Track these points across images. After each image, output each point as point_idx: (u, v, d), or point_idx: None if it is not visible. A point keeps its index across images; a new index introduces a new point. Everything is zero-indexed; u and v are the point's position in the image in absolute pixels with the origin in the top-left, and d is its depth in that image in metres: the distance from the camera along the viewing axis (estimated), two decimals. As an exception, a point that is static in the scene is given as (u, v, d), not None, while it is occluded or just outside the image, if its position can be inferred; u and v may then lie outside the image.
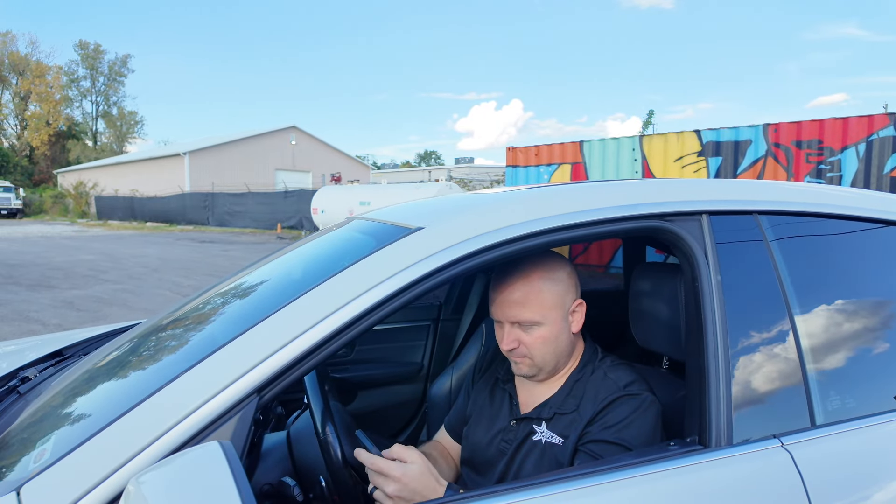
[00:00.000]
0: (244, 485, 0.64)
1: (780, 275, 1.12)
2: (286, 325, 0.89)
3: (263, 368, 0.84)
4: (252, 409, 0.82)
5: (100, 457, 0.77)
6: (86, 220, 31.66)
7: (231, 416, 0.80)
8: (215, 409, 0.80)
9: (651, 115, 17.68)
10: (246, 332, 0.89)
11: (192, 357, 0.89)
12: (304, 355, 0.86)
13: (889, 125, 7.16)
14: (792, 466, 0.97)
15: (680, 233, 1.09)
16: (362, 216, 1.50)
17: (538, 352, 1.20)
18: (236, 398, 0.81)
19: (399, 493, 0.97)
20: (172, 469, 0.68)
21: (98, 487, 0.74)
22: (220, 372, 0.84)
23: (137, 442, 0.77)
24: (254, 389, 0.82)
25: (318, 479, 1.10)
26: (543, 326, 1.18)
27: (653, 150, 9.17)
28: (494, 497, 0.88)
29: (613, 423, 1.12)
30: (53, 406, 1.07)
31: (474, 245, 0.98)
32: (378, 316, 0.92)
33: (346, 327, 0.89)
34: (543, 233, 1.02)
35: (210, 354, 0.87)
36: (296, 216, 22.11)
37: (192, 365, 0.86)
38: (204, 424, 0.79)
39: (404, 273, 0.94)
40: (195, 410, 0.80)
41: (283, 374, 0.85)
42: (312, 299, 0.93)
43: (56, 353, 1.69)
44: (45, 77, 47.98)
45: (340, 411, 1.17)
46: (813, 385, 1.07)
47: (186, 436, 0.78)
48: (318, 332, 0.87)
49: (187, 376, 0.85)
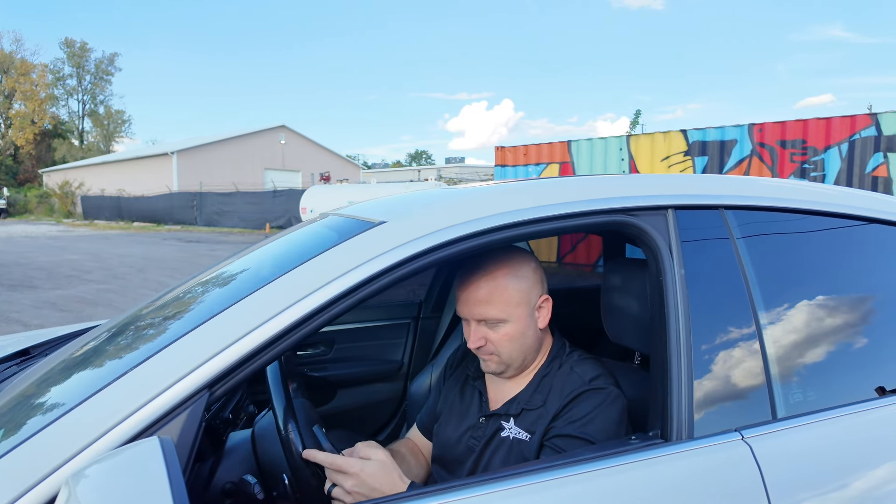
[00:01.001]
0: (178, 482, 0.62)
1: (745, 270, 1.12)
2: (239, 320, 0.88)
3: (214, 364, 0.82)
4: (202, 405, 0.80)
5: (38, 457, 0.75)
6: (71, 220, 31.30)
7: (180, 412, 0.79)
8: (163, 405, 0.79)
9: (638, 114, 17.78)
10: (198, 327, 0.88)
11: (144, 353, 0.88)
12: (258, 350, 0.85)
13: (871, 125, 7.25)
14: (751, 459, 0.97)
15: (645, 227, 1.08)
16: (336, 212, 1.49)
17: (505, 349, 1.19)
18: (185, 394, 0.79)
19: (356, 489, 0.96)
20: (108, 465, 0.66)
21: (35, 488, 0.72)
22: (170, 367, 0.83)
23: (82, 439, 0.76)
24: (204, 385, 0.81)
25: (281, 476, 1.09)
26: (509, 323, 1.17)
27: (640, 150, 9.22)
28: (457, 491, 0.88)
29: (578, 417, 1.12)
30: (4, 405, 1.04)
31: (436, 239, 0.97)
32: (337, 310, 0.91)
33: (303, 322, 0.88)
34: (507, 227, 1.02)
35: (160, 350, 0.86)
36: (285, 216, 22.00)
37: (142, 361, 0.85)
38: (152, 420, 0.78)
39: (364, 267, 0.93)
40: (142, 407, 0.78)
41: (235, 369, 0.83)
42: (267, 294, 0.91)
43: (22, 351, 1.67)
44: (30, 75, 47.37)
45: (307, 409, 1.16)
46: (775, 379, 1.07)
47: (134, 432, 0.77)
48: (272, 327, 0.86)
49: (135, 372, 0.83)
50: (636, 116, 16.89)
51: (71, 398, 0.84)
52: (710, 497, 0.93)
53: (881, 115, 7.20)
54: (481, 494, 0.87)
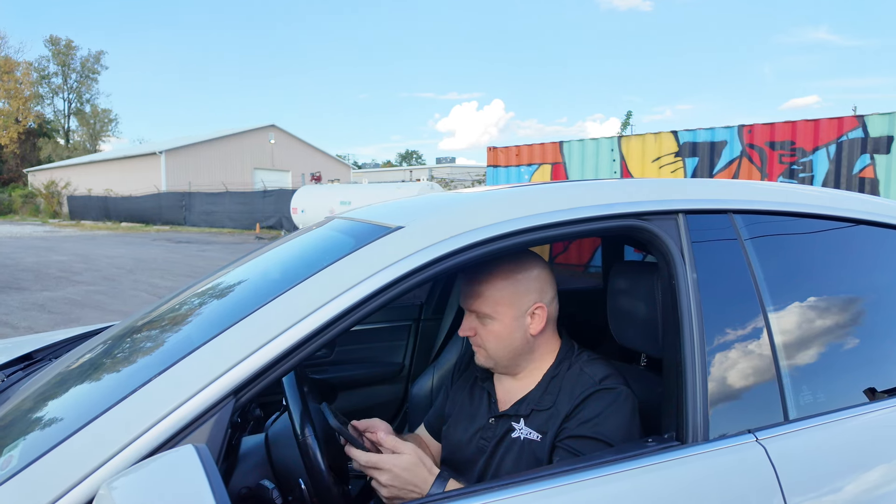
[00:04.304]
0: (219, 488, 0.63)
1: (755, 272, 1.14)
2: (264, 325, 0.88)
3: (240, 370, 0.83)
4: (229, 412, 0.80)
5: (70, 462, 0.74)
6: (58, 221, 30.87)
7: (207, 419, 0.79)
8: (191, 411, 0.79)
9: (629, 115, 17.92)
10: (222, 332, 0.88)
11: (167, 359, 0.87)
12: (283, 356, 0.85)
13: (858, 127, 7.36)
14: (766, 460, 0.98)
15: (657, 231, 1.10)
16: (341, 215, 1.49)
17: (490, 345, 1.23)
18: (212, 400, 0.80)
19: (392, 482, 1.03)
20: (145, 473, 0.66)
21: (69, 493, 0.71)
22: (196, 374, 0.82)
23: (109, 447, 0.75)
24: (230, 391, 0.81)
25: (297, 481, 1.09)
26: (496, 322, 1.21)
27: (631, 151, 9.29)
28: (477, 496, 0.89)
29: (590, 417, 1.13)
30: (21, 411, 1.03)
31: (454, 244, 0.98)
32: (358, 316, 0.91)
33: (326, 327, 0.88)
34: (523, 232, 1.03)
35: (185, 356, 0.85)
36: (275, 216, 21.88)
37: (167, 367, 0.84)
38: (179, 428, 0.78)
39: (384, 272, 0.94)
40: (170, 413, 0.78)
41: (260, 375, 0.84)
42: (291, 299, 0.92)
43: (25, 356, 1.65)
44: (14, 73, 46.57)
45: (319, 413, 1.16)
46: (786, 380, 1.09)
47: (161, 440, 0.77)
48: (296, 333, 0.86)
49: (161, 378, 0.83)
50: (627, 117, 17.03)
51: (97, 404, 0.83)
52: (728, 498, 0.95)
53: (868, 118, 7.31)
54: (504, 499, 0.88)
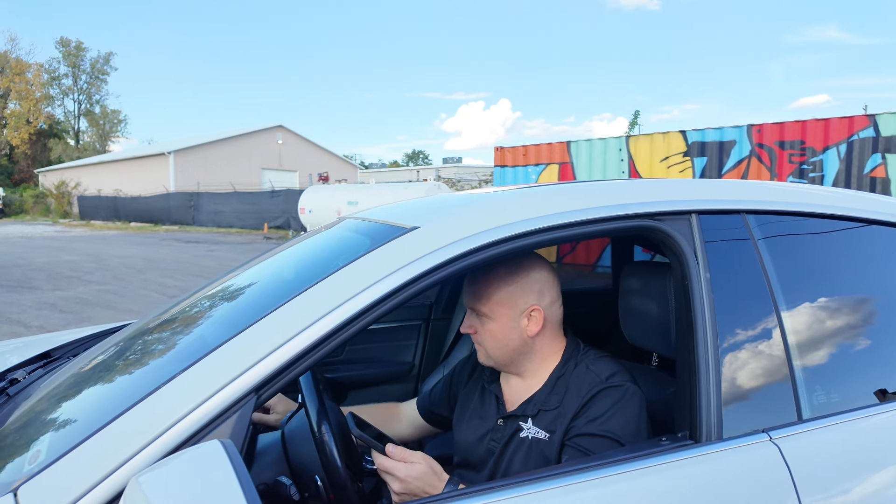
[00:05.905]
0: (247, 481, 0.64)
1: (767, 273, 1.15)
2: (284, 324, 0.90)
3: (261, 367, 0.84)
4: (250, 409, 0.82)
5: (98, 457, 0.76)
6: (68, 221, 31.16)
7: (230, 416, 0.80)
8: (214, 408, 0.80)
9: (637, 115, 17.89)
10: (243, 331, 0.90)
11: (190, 356, 0.89)
12: (302, 354, 0.87)
13: (869, 126, 7.30)
14: (780, 460, 0.99)
15: (670, 232, 1.10)
16: (354, 216, 1.51)
17: (488, 343, 1.25)
18: (235, 397, 0.81)
19: (404, 490, 1.05)
20: (174, 467, 0.68)
21: (97, 487, 0.73)
22: (219, 371, 0.84)
23: (136, 441, 0.77)
24: (252, 388, 0.83)
25: (313, 478, 1.10)
26: (493, 321, 1.23)
27: (639, 151, 9.26)
28: (488, 494, 0.89)
29: (598, 415, 1.14)
30: (46, 407, 1.06)
31: (469, 244, 0.99)
32: (375, 315, 0.93)
33: (344, 326, 0.90)
34: (538, 232, 1.04)
35: (208, 353, 0.87)
36: (283, 216, 21.96)
37: (190, 364, 0.86)
38: (203, 423, 0.79)
39: (401, 272, 0.95)
40: (194, 409, 0.80)
41: (281, 373, 0.85)
42: (309, 298, 0.93)
43: (43, 354, 1.67)
44: (26, 74, 47.07)
45: (335, 411, 1.18)
46: (799, 380, 1.09)
47: (186, 435, 0.78)
48: (316, 331, 0.88)
49: (185, 375, 0.85)
50: (635, 117, 16.99)
51: (123, 401, 0.85)
52: (742, 497, 0.95)
53: (879, 117, 7.24)
54: (515, 497, 0.89)
